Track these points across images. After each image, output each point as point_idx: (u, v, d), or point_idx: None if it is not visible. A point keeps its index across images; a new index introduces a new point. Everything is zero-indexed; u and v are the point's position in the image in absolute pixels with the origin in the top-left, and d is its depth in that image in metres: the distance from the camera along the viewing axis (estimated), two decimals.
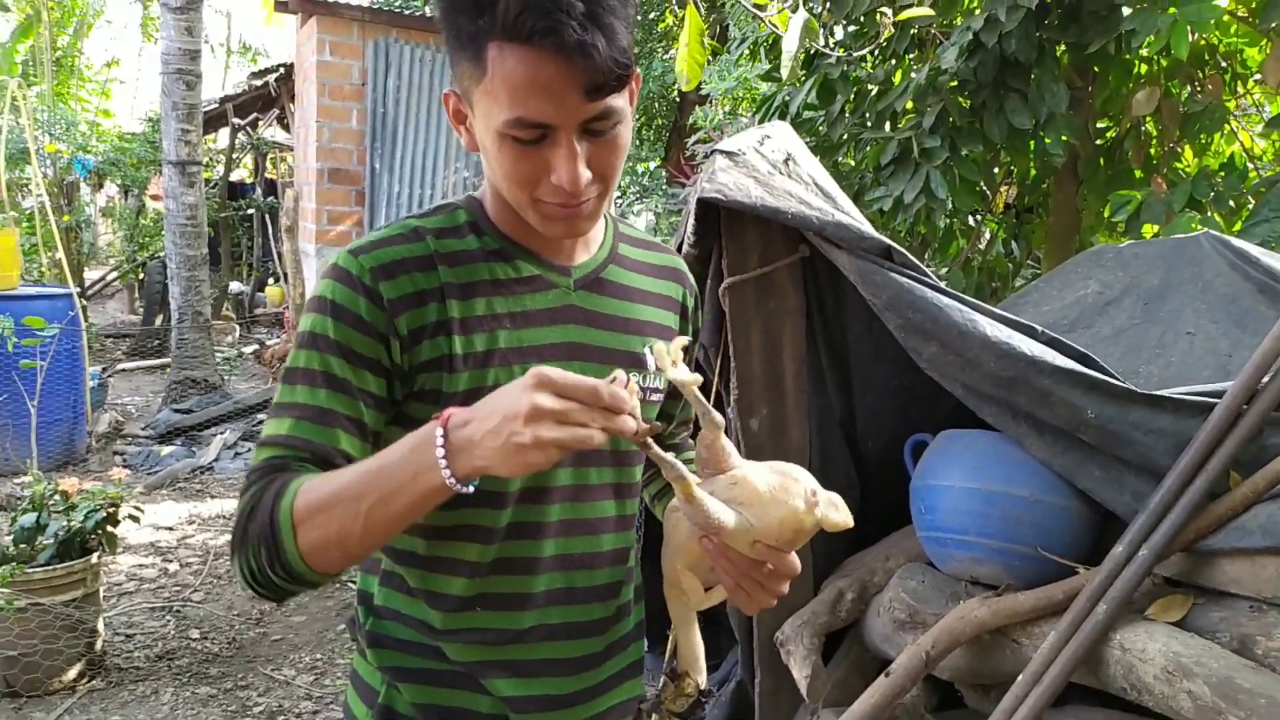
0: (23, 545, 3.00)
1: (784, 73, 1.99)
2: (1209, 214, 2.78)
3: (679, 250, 2.20)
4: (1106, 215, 3.03)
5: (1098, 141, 3.49)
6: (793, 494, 0.96)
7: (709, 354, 2.26)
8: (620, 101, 0.94)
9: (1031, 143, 3.12)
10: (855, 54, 2.96)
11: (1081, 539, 1.89)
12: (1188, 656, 1.55)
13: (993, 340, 1.84)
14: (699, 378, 0.93)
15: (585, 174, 0.95)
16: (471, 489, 0.86)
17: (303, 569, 0.89)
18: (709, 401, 1.00)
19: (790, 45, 1.89)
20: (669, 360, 0.92)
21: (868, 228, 2.05)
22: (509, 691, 1.08)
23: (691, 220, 2.12)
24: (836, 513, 0.98)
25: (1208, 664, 1.53)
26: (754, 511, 0.94)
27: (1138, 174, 3.29)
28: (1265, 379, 1.70)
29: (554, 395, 0.80)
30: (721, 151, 2.08)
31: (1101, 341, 2.22)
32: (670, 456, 0.89)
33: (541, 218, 1.00)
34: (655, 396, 1.14)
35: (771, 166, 2.09)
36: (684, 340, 0.93)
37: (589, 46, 0.87)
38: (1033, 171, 3.65)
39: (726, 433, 1.41)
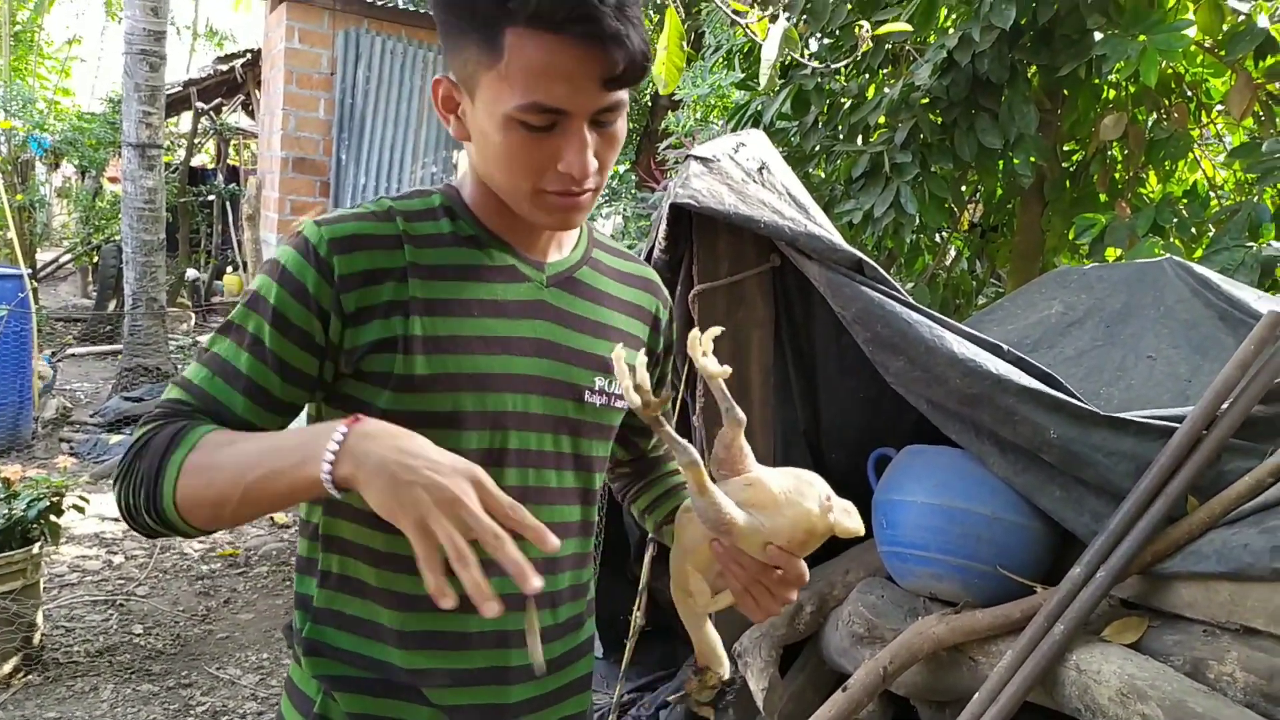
0: None
1: (762, 82, 1.99)
2: (1171, 240, 2.83)
3: (649, 256, 2.19)
4: (1071, 237, 3.06)
5: (1064, 164, 3.53)
6: (807, 497, 0.96)
7: (676, 361, 2.24)
8: (626, 95, 0.95)
9: (1000, 162, 3.15)
10: (832, 66, 2.96)
11: (1040, 558, 1.90)
12: (1142, 679, 1.56)
13: (959, 357, 1.84)
14: (727, 370, 0.93)
15: (593, 163, 0.95)
16: (340, 496, 0.84)
17: (174, 518, 0.91)
18: (675, 412, 0.99)
19: (769, 54, 1.89)
20: (699, 350, 0.94)
21: (840, 240, 2.05)
22: (451, 700, 1.04)
23: (663, 225, 2.10)
24: (849, 519, 0.98)
25: (1161, 687, 1.54)
26: (767, 513, 0.94)
27: (1103, 198, 3.34)
28: (1224, 405, 1.72)
29: (478, 503, 0.80)
30: (696, 157, 2.07)
31: (1064, 362, 2.24)
32: (684, 441, 0.88)
33: (538, 208, 0.98)
34: (619, 403, 1.11)
35: (745, 174, 2.08)
36: (716, 330, 0.94)
37: (623, 36, 0.88)
38: (999, 191, 3.68)
39: (690, 441, 1.40)
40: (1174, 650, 1.64)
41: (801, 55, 2.28)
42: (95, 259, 10.27)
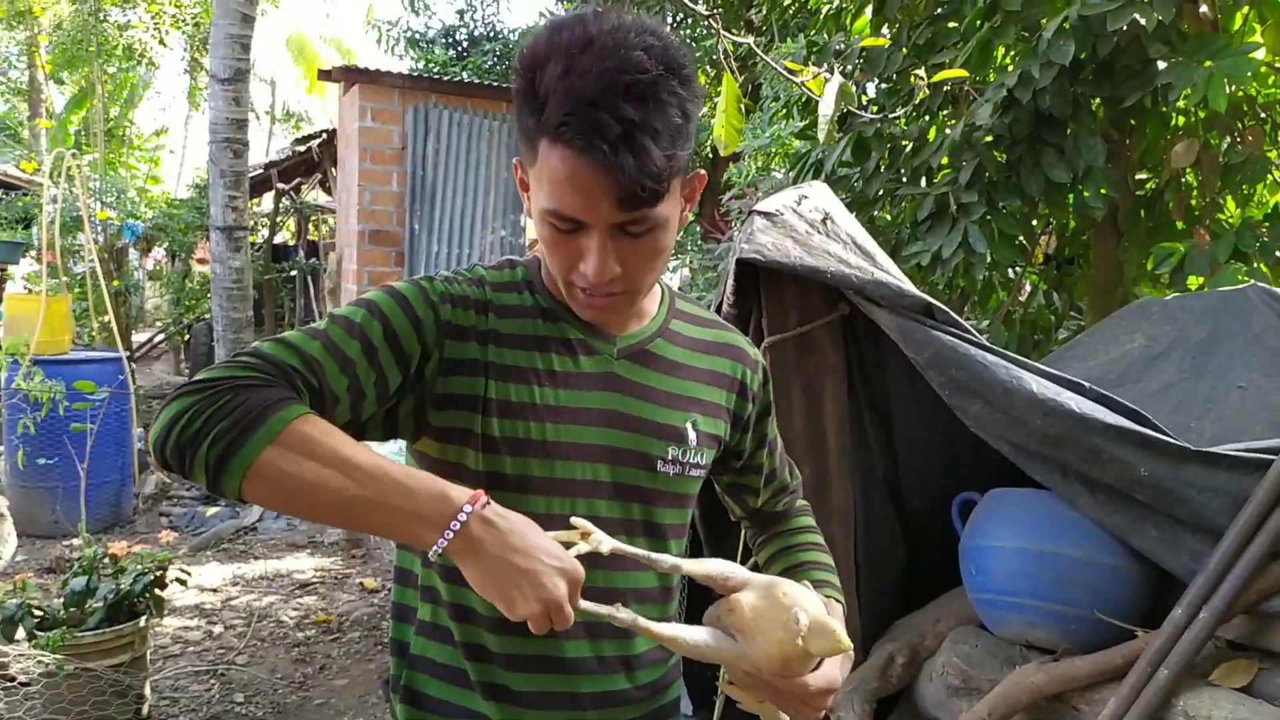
0: (73, 609, 3.03)
1: (821, 136, 2.02)
2: (1255, 265, 2.75)
3: (718, 310, 2.22)
4: (1150, 267, 3.00)
5: (1137, 193, 3.47)
6: (775, 622, 0.93)
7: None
8: (660, 209, 0.96)
9: (1070, 196, 3.11)
10: (890, 115, 2.98)
11: (1138, 601, 1.85)
12: None
13: (1040, 397, 1.82)
14: (616, 544, 0.97)
15: (613, 270, 0.98)
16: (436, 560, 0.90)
17: (234, 469, 0.84)
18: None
19: (826, 110, 1.92)
20: (578, 536, 0.97)
21: (908, 285, 2.05)
22: None
23: (730, 280, 2.13)
24: (823, 640, 0.93)
25: None
26: (747, 639, 0.94)
27: (1180, 226, 3.27)
28: None
29: (571, 604, 0.89)
30: (759, 212, 2.10)
31: (1150, 396, 2.19)
32: (610, 610, 0.95)
33: (572, 299, 1.05)
34: (695, 472, 1.14)
35: (809, 226, 2.11)
36: (580, 520, 0.98)
37: (615, 170, 0.90)
38: (1072, 224, 3.63)
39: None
40: None
41: (859, 104, 2.31)
42: (187, 338, 10.74)
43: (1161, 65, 2.77)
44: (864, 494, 2.25)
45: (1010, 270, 3.74)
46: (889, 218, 3.81)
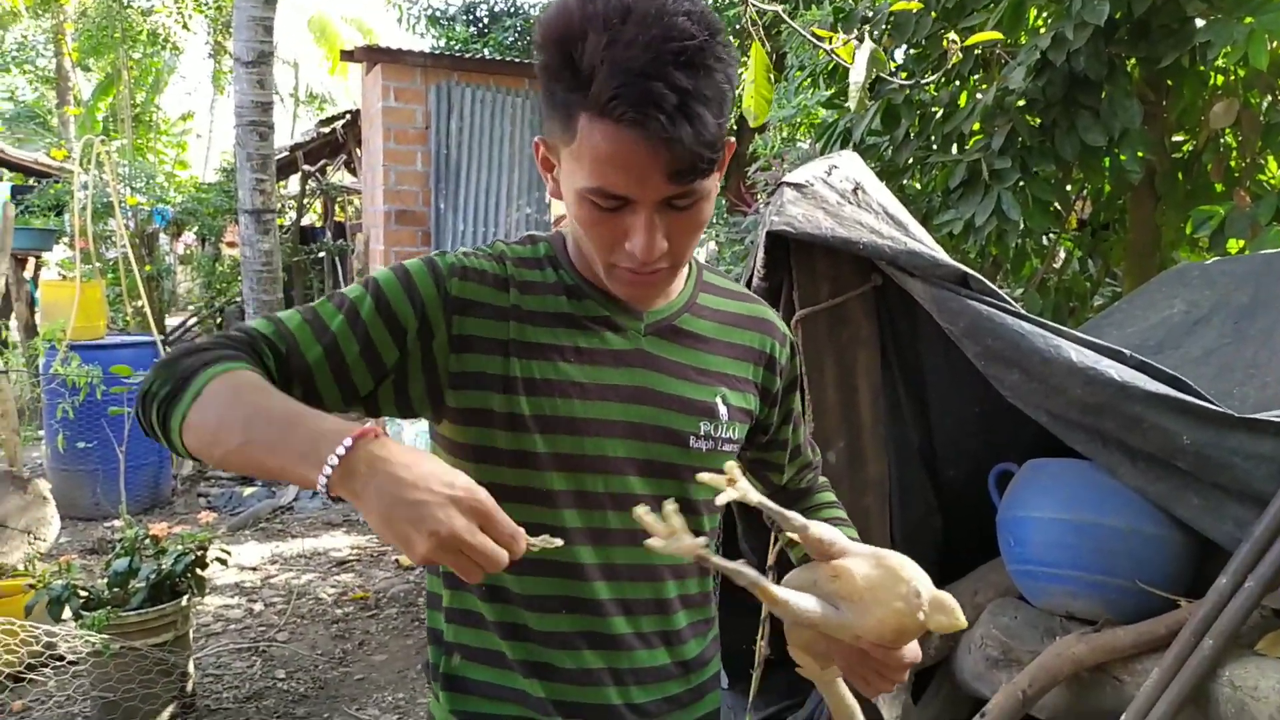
0: (116, 589, 3.09)
1: (852, 104, 1.98)
2: None
3: (748, 284, 2.20)
4: (1189, 231, 2.94)
5: (1175, 156, 3.39)
6: (894, 592, 0.91)
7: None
8: (705, 182, 0.95)
9: (1106, 159, 3.05)
10: (923, 80, 2.93)
11: (1181, 570, 1.82)
12: None
13: (1078, 366, 1.79)
14: (761, 497, 0.90)
15: (661, 246, 0.96)
16: (333, 501, 0.85)
17: (175, 427, 0.90)
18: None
19: (857, 77, 1.88)
20: (724, 481, 0.90)
21: (941, 255, 2.02)
22: None
23: (761, 253, 2.11)
24: (944, 616, 0.93)
25: None
26: (854, 608, 0.91)
27: (1219, 188, 3.19)
28: None
29: (476, 534, 0.79)
30: (789, 183, 2.07)
31: (1191, 363, 2.15)
32: (737, 565, 0.85)
33: (612, 279, 1.02)
34: (728, 447, 1.13)
35: (840, 196, 2.08)
36: (732, 465, 0.91)
37: (673, 141, 0.88)
38: (1107, 188, 3.56)
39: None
40: None
41: (888, 70, 2.26)
42: (219, 321, 10.85)
43: (1199, 23, 2.70)
44: (899, 466, 2.23)
45: (1044, 237, 3.68)
46: (919, 186, 3.76)
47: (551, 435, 1.03)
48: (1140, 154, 2.86)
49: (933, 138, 3.34)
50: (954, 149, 3.32)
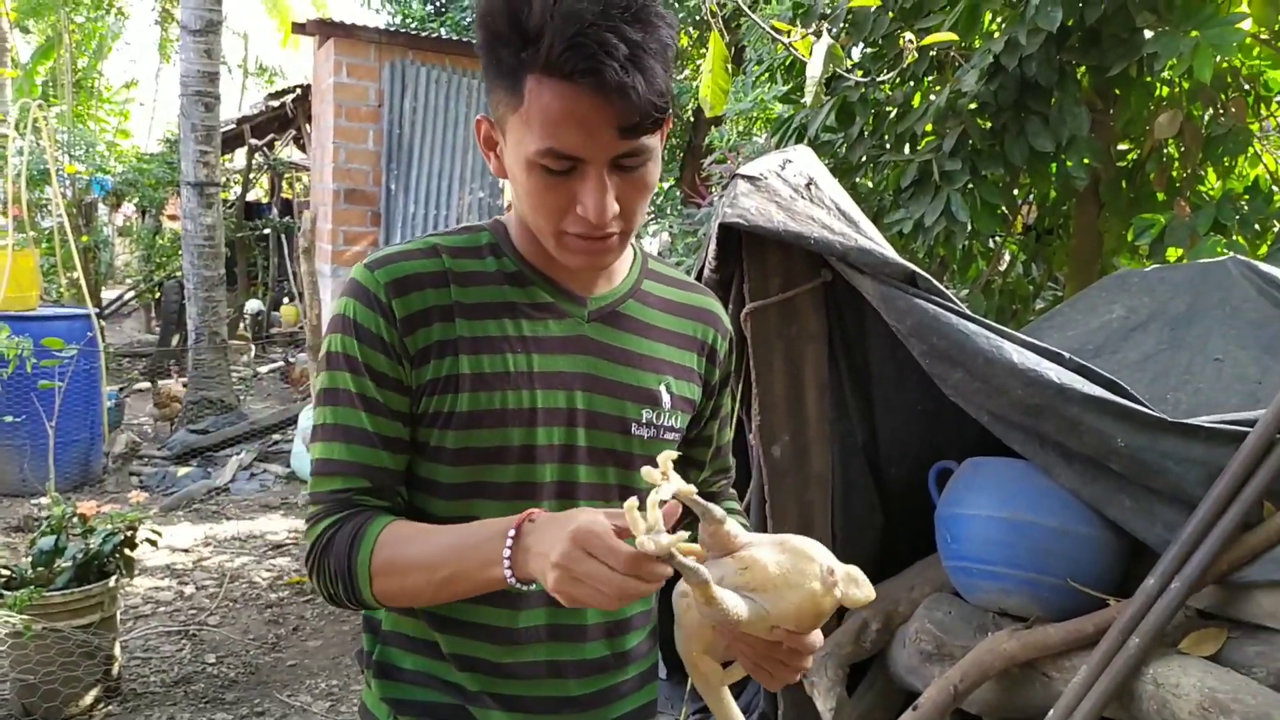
0: (41, 568, 2.99)
1: (808, 99, 1.99)
2: (1234, 238, 2.76)
3: (699, 275, 2.19)
4: (1130, 238, 3.00)
5: (1119, 164, 3.47)
6: (808, 575, 0.91)
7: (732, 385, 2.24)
8: (652, 140, 0.95)
9: (1053, 165, 3.10)
10: (878, 79, 2.94)
11: (1111, 570, 1.86)
12: (1224, 692, 1.53)
13: (1020, 367, 1.82)
14: (692, 488, 0.89)
15: (613, 207, 0.95)
16: (534, 587, 0.92)
17: (375, 605, 1.02)
18: (732, 428, 0.97)
19: (814, 71, 1.89)
20: (659, 476, 0.87)
21: (891, 253, 2.04)
22: None
23: (713, 245, 2.11)
24: (857, 589, 0.93)
25: (1244, 700, 1.50)
26: (768, 597, 0.90)
27: (1160, 197, 3.27)
28: None
29: (583, 552, 0.83)
30: (743, 176, 2.07)
31: (1127, 367, 2.20)
32: (694, 564, 0.84)
33: (563, 249, 1.00)
34: (670, 435, 1.12)
35: (793, 191, 2.08)
36: (672, 454, 0.89)
37: (628, 88, 0.88)
38: (1053, 194, 3.62)
39: (746, 461, 1.36)
40: (1256, 662, 1.60)
41: (845, 67, 2.27)
42: (158, 295, 10.58)
43: (1148, 34, 2.75)
44: (842, 461, 2.25)
45: (991, 240, 3.74)
46: (870, 184, 3.79)
47: (503, 429, 1.01)
48: (1086, 161, 2.91)
49: (886, 137, 3.37)
50: (906, 149, 3.35)
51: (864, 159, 3.48)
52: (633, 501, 0.83)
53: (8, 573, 2.95)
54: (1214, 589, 1.70)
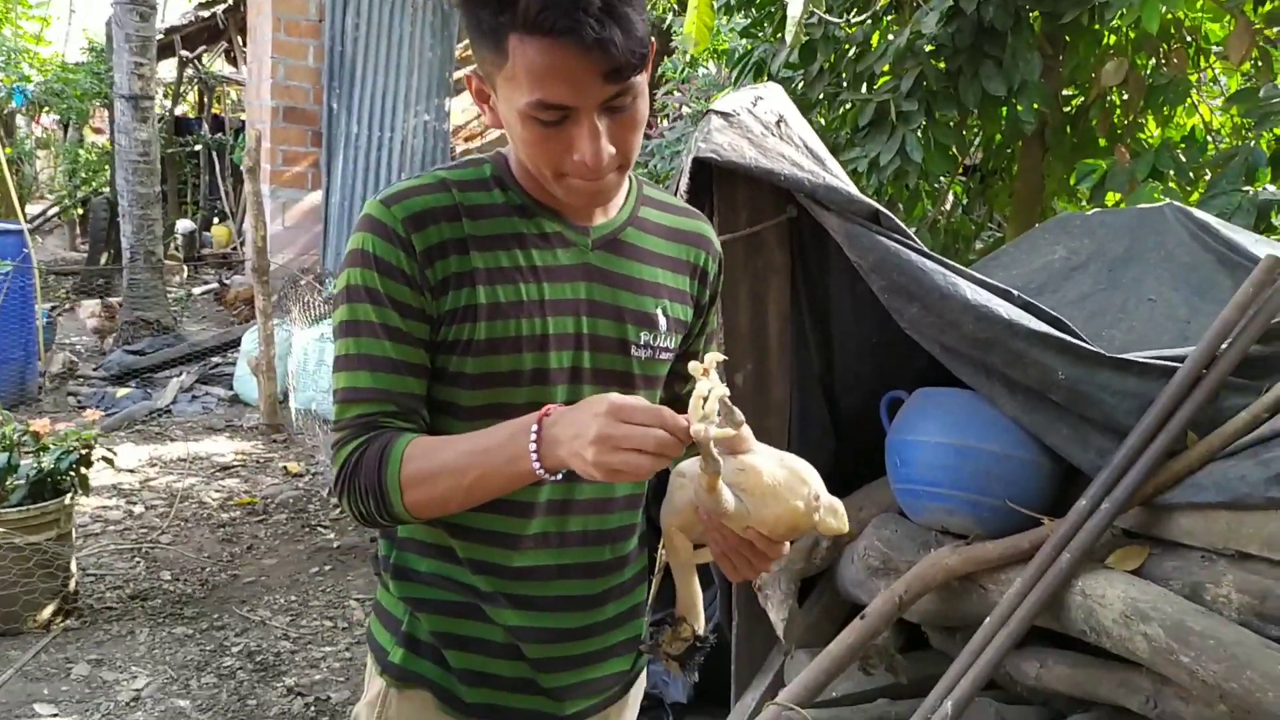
0: None
1: (788, 38, 2.03)
2: (1170, 184, 2.90)
3: None
4: (1071, 182, 3.13)
5: (1065, 110, 3.58)
6: (796, 493, 0.98)
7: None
8: (639, 78, 0.99)
9: (1004, 109, 3.20)
10: (850, 19, 2.99)
11: (1047, 493, 2.00)
12: (1144, 602, 1.67)
13: (972, 303, 1.92)
14: (726, 389, 0.95)
15: (608, 150, 1.00)
16: (560, 476, 0.97)
17: (408, 518, 1.05)
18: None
19: (795, 12, 1.93)
20: (699, 372, 0.95)
21: (856, 191, 2.12)
22: (514, 622, 1.15)
23: (685, 179, 2.16)
24: (835, 519, 1.02)
25: (1162, 609, 1.65)
26: (754, 501, 0.97)
27: (1103, 143, 3.40)
28: (1223, 345, 1.81)
29: (620, 421, 0.89)
30: (716, 112, 2.12)
31: (1068, 305, 2.32)
32: (718, 455, 0.92)
33: (565, 189, 1.05)
34: (664, 355, 1.20)
35: (764, 128, 2.14)
36: (718, 356, 0.97)
37: (606, 42, 0.92)
38: (999, 137, 3.74)
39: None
40: (1174, 575, 1.75)
41: (822, 7, 2.31)
42: (83, 212, 10.20)
43: None
44: (800, 391, 2.35)
45: (937, 180, 3.85)
46: (825, 123, 3.86)
47: (517, 354, 1.07)
48: (1036, 106, 3.02)
49: (844, 75, 3.43)
50: (864, 88, 3.41)
51: (821, 97, 3.54)
52: (703, 388, 0.92)
53: None
54: (1139, 510, 1.84)
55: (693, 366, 0.94)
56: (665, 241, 1.22)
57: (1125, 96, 3.40)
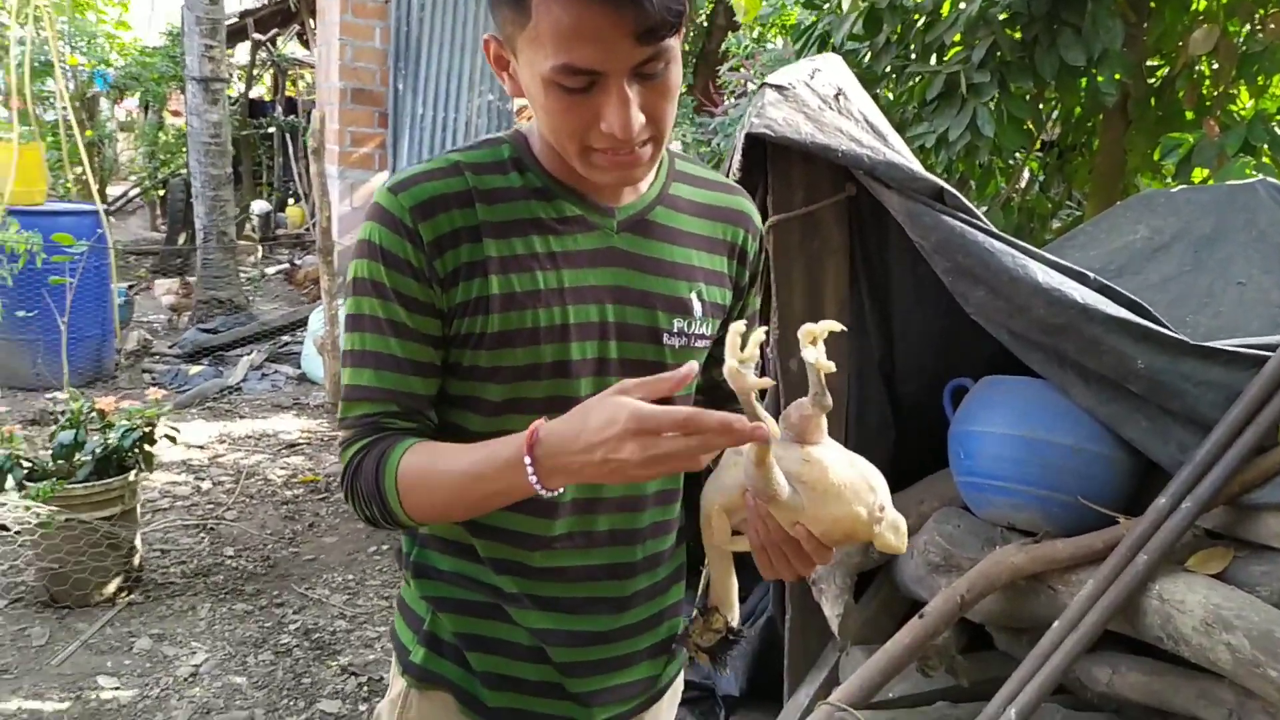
0: (61, 461, 3.05)
1: (846, 2, 1.93)
2: (1264, 159, 2.71)
3: None
4: (1155, 158, 2.96)
5: (1149, 81, 3.39)
6: (860, 499, 0.90)
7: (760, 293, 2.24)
8: (673, 41, 0.91)
9: (1083, 80, 3.03)
10: None
11: (1123, 489, 1.89)
12: (1228, 609, 1.56)
13: (1044, 286, 1.81)
14: (832, 365, 0.86)
15: (639, 119, 0.92)
16: (563, 491, 0.91)
17: (413, 524, 1.02)
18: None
19: None
20: (809, 339, 0.88)
21: (919, 168, 2.01)
22: (539, 624, 1.10)
23: (738, 155, 2.08)
24: (895, 537, 0.93)
25: (1248, 617, 1.54)
26: (812, 496, 0.89)
27: (1189, 116, 3.20)
28: None
29: (649, 446, 0.81)
30: (771, 85, 2.03)
31: (1149, 289, 2.19)
32: (768, 417, 0.83)
33: (591, 167, 0.97)
34: (701, 343, 1.12)
35: (822, 101, 2.04)
36: (833, 326, 0.87)
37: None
38: (1079, 110, 3.55)
39: (763, 372, 1.34)
40: (1261, 581, 1.63)
41: None
42: (163, 193, 10.48)
43: None
44: (858, 377, 2.26)
45: (1012, 156, 3.68)
46: (893, 97, 3.71)
47: (534, 346, 1.01)
48: (1118, 76, 2.85)
49: (912, 46, 3.28)
50: (933, 60, 3.27)
51: (888, 69, 3.40)
52: (739, 326, 0.84)
53: (30, 465, 3.00)
54: (1223, 510, 1.73)
55: (732, 342, 0.84)
56: (700, 220, 1.13)
57: (1215, 65, 3.19)
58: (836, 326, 0.87)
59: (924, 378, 2.31)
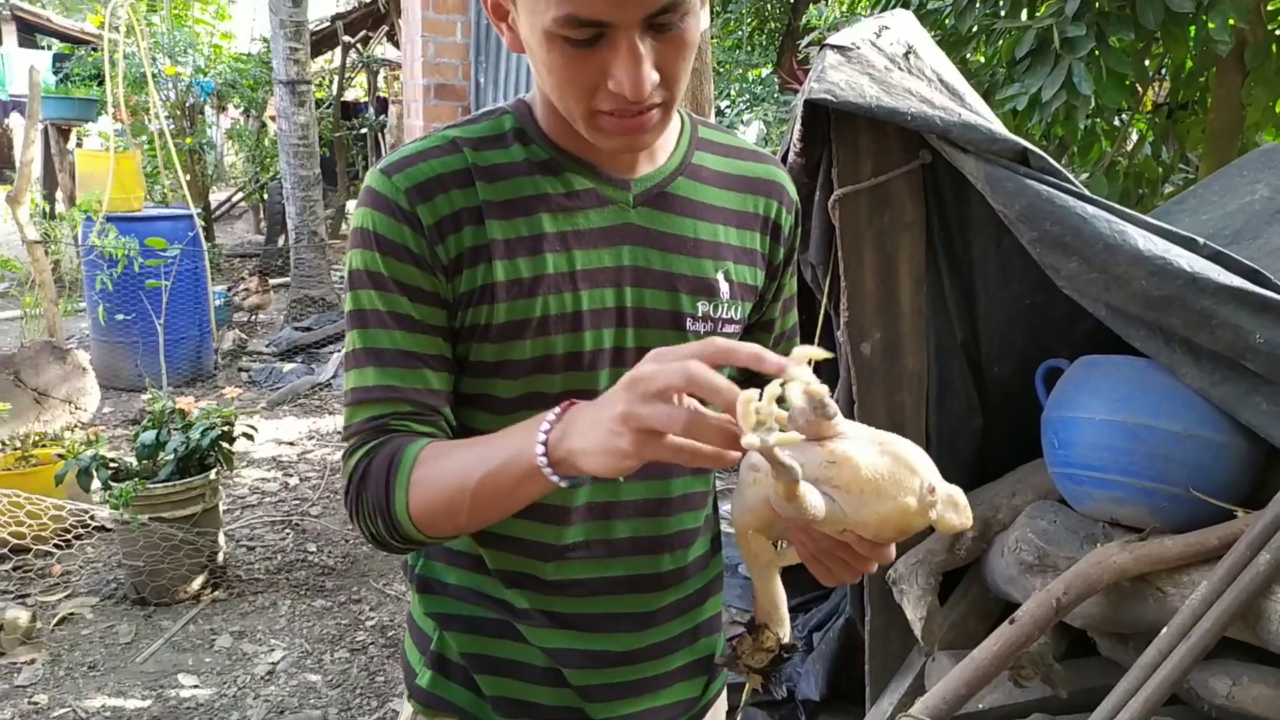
0: (145, 461, 3.10)
1: None
2: None
3: (784, 158, 2.03)
4: (1277, 110, 2.67)
5: (1269, 26, 3.08)
6: (904, 487, 0.77)
7: (817, 273, 2.09)
8: None
9: (1192, 29, 2.76)
10: None
11: (1240, 479, 1.69)
12: None
13: (1145, 255, 1.63)
14: (825, 389, 0.74)
15: (652, 76, 0.80)
16: (565, 484, 0.77)
17: (419, 537, 0.87)
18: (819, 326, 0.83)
19: None
20: (799, 360, 0.75)
21: (1000, 128, 1.83)
22: (553, 643, 1.00)
23: (798, 125, 1.93)
24: (955, 514, 0.80)
25: None
26: (850, 500, 0.77)
27: None
28: None
29: (643, 398, 0.69)
30: (832, 46, 1.88)
31: (1270, 254, 1.96)
32: (790, 461, 0.71)
33: (598, 131, 0.86)
34: (729, 328, 0.99)
35: (889, 61, 1.88)
36: (818, 353, 0.75)
37: None
38: (1189, 63, 3.26)
39: (836, 359, 1.20)
40: None
41: None
42: (264, 196, 10.80)
43: None
44: (939, 361, 2.09)
45: (1117, 117, 3.41)
46: (983, 59, 3.48)
47: (545, 337, 0.91)
48: (1231, 22, 2.57)
49: (1000, 2, 3.06)
50: (1023, 15, 3.03)
51: (974, 29, 3.18)
52: (751, 394, 0.70)
53: (114, 465, 3.07)
54: None
55: (742, 399, 0.69)
56: (727, 192, 1.01)
57: None
58: (820, 354, 0.75)
59: (1013, 360, 2.13)
